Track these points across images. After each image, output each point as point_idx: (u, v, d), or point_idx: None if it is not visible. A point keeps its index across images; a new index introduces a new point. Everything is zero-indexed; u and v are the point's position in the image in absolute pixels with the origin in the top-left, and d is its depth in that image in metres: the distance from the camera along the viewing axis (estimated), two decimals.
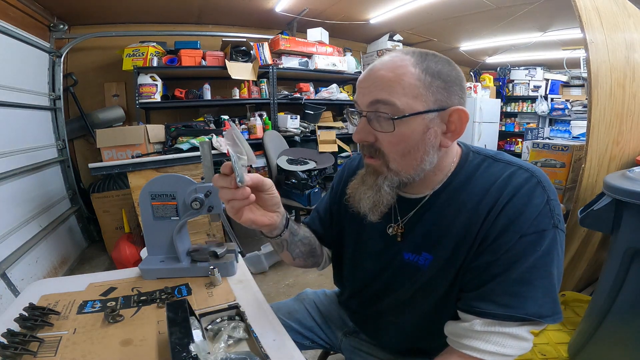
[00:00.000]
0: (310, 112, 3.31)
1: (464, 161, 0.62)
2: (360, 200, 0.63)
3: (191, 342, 0.51)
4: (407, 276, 0.65)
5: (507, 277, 0.53)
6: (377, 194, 0.60)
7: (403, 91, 0.53)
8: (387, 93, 0.54)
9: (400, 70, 0.54)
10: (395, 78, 0.54)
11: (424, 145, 0.56)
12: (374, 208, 0.61)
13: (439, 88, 0.54)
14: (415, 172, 0.58)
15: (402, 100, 0.53)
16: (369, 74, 0.57)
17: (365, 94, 0.57)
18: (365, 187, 0.62)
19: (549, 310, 0.53)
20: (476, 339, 0.54)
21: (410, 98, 0.54)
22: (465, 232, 0.57)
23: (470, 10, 3.09)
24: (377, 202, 0.61)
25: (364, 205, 0.62)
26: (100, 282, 0.84)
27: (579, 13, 1.19)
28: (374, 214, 0.62)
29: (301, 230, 0.75)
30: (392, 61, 0.55)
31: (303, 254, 0.76)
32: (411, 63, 0.54)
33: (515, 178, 0.56)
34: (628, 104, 1.31)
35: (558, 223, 0.54)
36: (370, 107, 0.56)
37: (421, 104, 0.54)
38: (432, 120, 0.55)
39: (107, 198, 2.58)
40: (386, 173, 0.59)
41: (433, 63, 0.55)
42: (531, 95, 5.11)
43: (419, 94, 0.54)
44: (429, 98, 0.54)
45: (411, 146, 0.56)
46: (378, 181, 0.60)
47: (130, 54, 2.70)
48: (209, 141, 0.77)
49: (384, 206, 0.61)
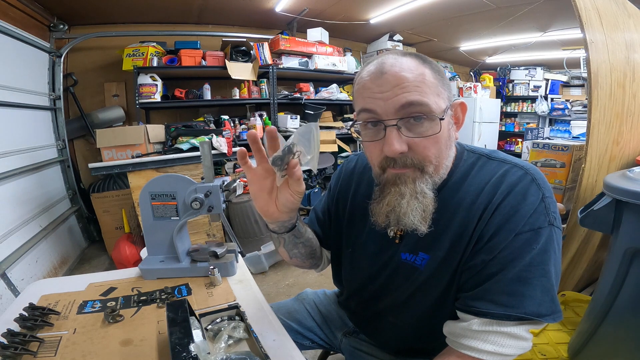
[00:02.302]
0: (310, 112, 3.31)
1: (459, 160, 0.62)
2: (405, 214, 0.56)
3: (191, 342, 0.51)
4: (405, 276, 0.65)
5: (503, 276, 0.53)
6: (424, 200, 0.56)
7: (430, 90, 0.53)
8: (418, 94, 0.52)
9: (418, 70, 0.53)
10: (419, 77, 0.52)
11: (450, 140, 0.58)
12: (424, 217, 0.56)
13: (445, 85, 0.56)
14: (444, 171, 0.59)
15: (432, 99, 0.53)
16: (383, 78, 0.53)
17: (389, 98, 0.52)
18: (407, 198, 0.56)
19: (548, 309, 0.52)
20: (474, 339, 0.54)
21: (436, 97, 0.54)
22: (461, 231, 0.57)
23: (470, 10, 3.09)
24: (425, 209, 0.56)
25: (412, 217, 0.56)
26: (100, 282, 0.85)
27: (579, 13, 1.18)
28: (424, 223, 0.56)
29: (307, 234, 0.74)
30: (402, 62, 0.53)
31: (301, 255, 0.75)
32: (419, 63, 0.54)
33: (509, 176, 0.56)
34: (628, 104, 1.31)
35: (554, 220, 0.54)
36: (400, 111, 0.52)
37: (444, 101, 0.55)
38: (450, 115, 0.57)
39: (107, 198, 2.58)
40: (422, 177, 0.56)
41: (432, 62, 0.57)
42: (531, 95, 5.11)
43: (440, 92, 0.55)
44: (445, 95, 0.55)
45: (444, 144, 0.56)
46: (417, 188, 0.56)
47: (130, 54, 2.70)
48: (209, 141, 0.77)
49: (431, 212, 0.57)
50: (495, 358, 0.53)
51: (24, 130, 2.23)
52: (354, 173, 0.78)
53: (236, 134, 2.94)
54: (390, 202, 0.57)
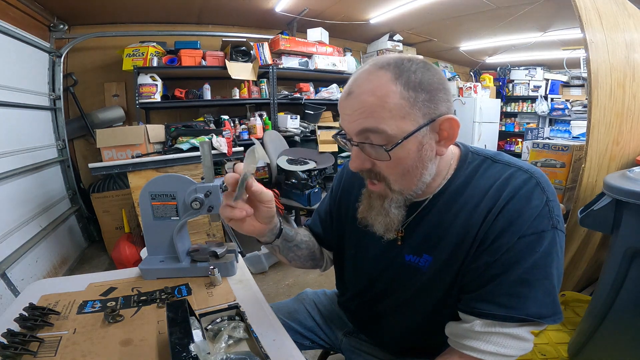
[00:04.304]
0: (310, 112, 3.31)
1: (463, 162, 0.62)
2: (372, 224, 0.63)
3: (191, 342, 0.51)
4: (408, 277, 0.65)
5: (506, 278, 0.53)
6: (386, 217, 0.61)
7: (390, 114, 0.50)
8: (374, 121, 0.51)
9: (381, 91, 0.50)
10: (379, 102, 0.50)
11: (422, 161, 0.55)
12: (387, 230, 0.62)
13: (424, 101, 0.51)
14: (417, 187, 0.58)
15: (391, 124, 0.50)
16: (349, 99, 0.54)
17: (351, 121, 0.54)
18: (374, 212, 0.63)
19: (549, 310, 0.53)
20: (476, 340, 0.55)
21: (398, 120, 0.51)
22: (465, 233, 0.57)
23: (470, 10, 3.09)
24: (388, 224, 0.62)
25: (377, 228, 0.63)
26: (100, 282, 0.84)
27: (579, 13, 1.19)
28: (389, 233, 0.63)
29: (298, 236, 0.76)
30: (370, 81, 0.52)
31: (299, 258, 0.77)
32: (390, 79, 0.50)
33: (514, 179, 0.56)
34: (628, 104, 1.31)
35: (557, 224, 0.54)
36: (359, 136, 0.54)
37: (411, 123, 0.51)
38: (425, 135, 0.53)
39: (107, 198, 2.58)
40: (391, 195, 0.60)
41: (412, 73, 0.51)
42: (531, 95, 5.11)
43: (406, 114, 0.51)
44: (417, 115, 0.51)
45: (410, 166, 0.55)
46: (385, 205, 0.61)
47: (130, 54, 2.70)
48: (209, 141, 0.77)
49: (396, 225, 0.62)
50: (497, 358, 0.54)
51: (24, 130, 2.23)
52: (356, 174, 0.78)
53: (236, 134, 2.94)
54: (363, 211, 0.66)
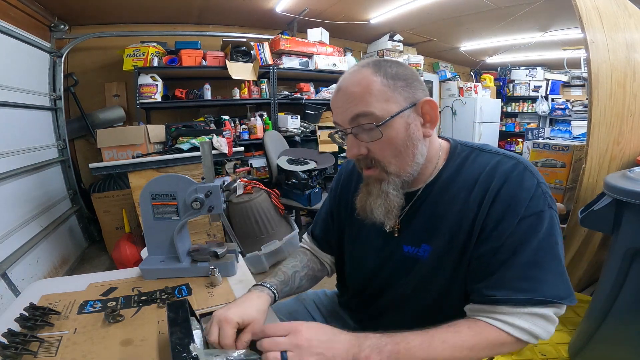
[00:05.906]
0: (311, 112, 3.31)
1: (453, 153, 0.66)
2: (372, 210, 0.64)
3: (192, 342, 0.51)
4: (408, 269, 0.66)
5: (515, 261, 0.54)
6: (386, 200, 0.63)
7: (375, 99, 0.58)
8: (362, 105, 0.58)
9: (365, 82, 0.58)
10: (364, 90, 0.58)
11: (412, 140, 0.60)
12: (387, 214, 0.64)
13: (403, 87, 0.59)
14: (412, 168, 0.62)
15: (378, 107, 0.58)
16: (339, 94, 0.62)
17: (343, 112, 0.61)
18: (373, 196, 0.64)
19: (565, 292, 0.54)
20: (507, 314, 0.54)
21: (383, 103, 0.58)
22: (460, 220, 0.59)
23: (470, 10, 3.09)
24: (388, 207, 0.63)
25: (377, 214, 0.64)
26: (100, 282, 0.85)
27: (579, 13, 1.19)
28: (390, 219, 0.64)
29: (293, 282, 0.76)
30: (354, 76, 0.60)
31: (305, 287, 0.80)
32: (371, 72, 0.59)
33: (502, 165, 0.59)
34: (629, 104, 1.31)
35: (552, 204, 0.57)
36: (352, 122, 0.60)
37: (395, 105, 0.58)
38: (410, 116, 0.60)
39: (108, 198, 2.58)
40: (387, 178, 0.62)
41: (388, 67, 0.59)
42: (532, 96, 5.11)
43: (389, 97, 0.58)
44: (398, 98, 0.59)
45: (401, 145, 0.60)
46: (383, 188, 0.63)
47: (131, 54, 2.70)
48: (210, 141, 0.77)
49: (396, 209, 0.63)
50: (526, 336, 0.54)
51: (24, 130, 2.23)
52: (353, 173, 0.80)
53: (236, 134, 2.94)
54: (361, 199, 0.67)
